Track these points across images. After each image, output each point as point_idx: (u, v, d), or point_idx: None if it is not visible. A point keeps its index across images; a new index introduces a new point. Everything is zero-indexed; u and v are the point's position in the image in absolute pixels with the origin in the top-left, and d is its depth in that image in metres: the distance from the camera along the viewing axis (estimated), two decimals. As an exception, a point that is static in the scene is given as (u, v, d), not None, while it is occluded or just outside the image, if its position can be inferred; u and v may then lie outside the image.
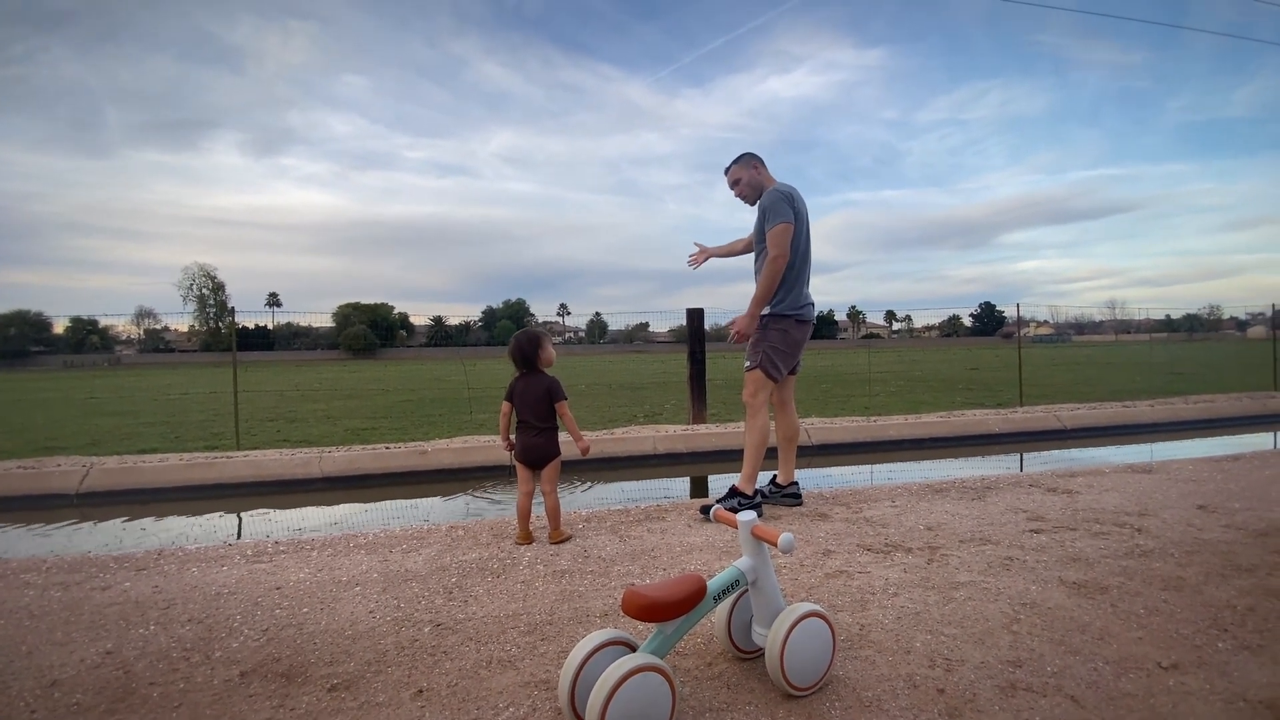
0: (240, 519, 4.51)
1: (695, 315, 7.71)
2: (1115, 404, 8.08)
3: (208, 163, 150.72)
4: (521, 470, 3.00)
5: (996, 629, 1.95)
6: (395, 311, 64.21)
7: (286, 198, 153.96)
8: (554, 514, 2.96)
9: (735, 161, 3.48)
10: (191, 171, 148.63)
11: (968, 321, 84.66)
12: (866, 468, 5.86)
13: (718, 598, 1.59)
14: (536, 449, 2.96)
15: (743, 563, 1.65)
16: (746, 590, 1.70)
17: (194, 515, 4.58)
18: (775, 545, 1.57)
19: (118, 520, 4.47)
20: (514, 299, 76.87)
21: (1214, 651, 1.81)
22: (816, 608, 1.63)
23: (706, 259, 3.82)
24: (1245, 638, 1.88)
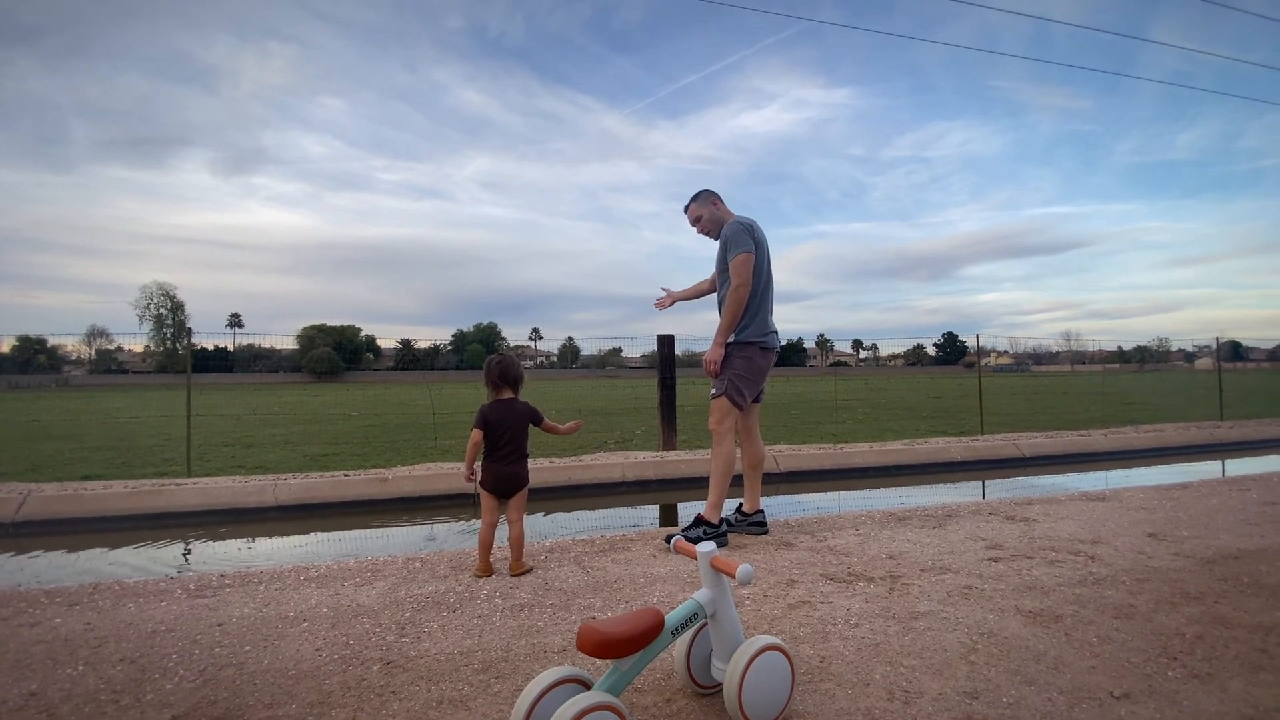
0: (187, 550, 4.31)
1: (666, 341, 7.74)
2: (1071, 433, 8.31)
3: (175, 180, 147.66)
4: (488, 500, 2.93)
5: (955, 659, 1.96)
6: (362, 334, 63.15)
7: (255, 217, 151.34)
8: (518, 544, 2.89)
9: (694, 199, 3.53)
10: (157, 188, 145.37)
11: (932, 351, 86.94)
12: (833, 495, 5.89)
13: (676, 632, 1.56)
14: (511, 478, 2.91)
15: (702, 595, 1.63)
16: (706, 624, 1.67)
17: (137, 546, 4.36)
18: (734, 577, 1.55)
19: (56, 552, 4.23)
20: (486, 323, 76.30)
21: (1164, 680, 1.83)
22: (775, 641, 1.61)
23: (673, 302, 3.85)
24: (1194, 666, 1.92)
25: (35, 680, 1.88)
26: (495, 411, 2.89)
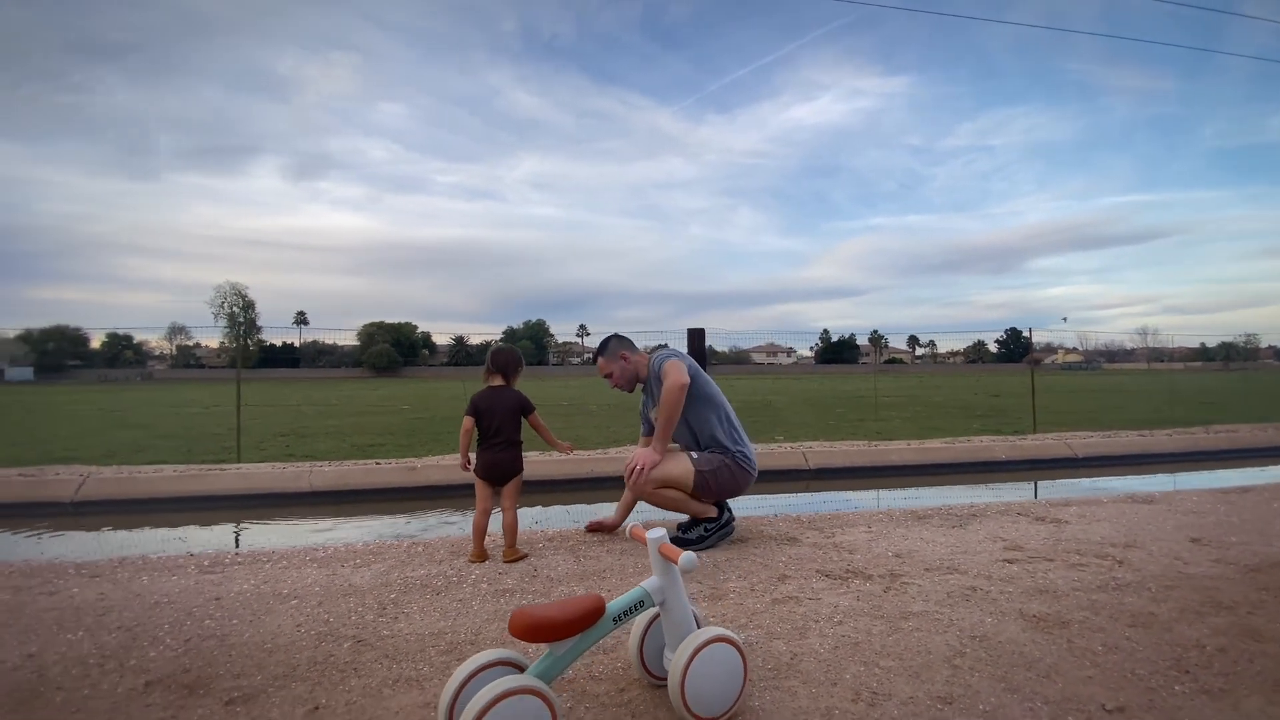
0: (216, 531, 4.53)
1: (696, 335, 7.63)
2: (1131, 432, 7.78)
3: (248, 186, 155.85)
4: (482, 487, 2.96)
5: (937, 662, 1.84)
6: (419, 331, 65.26)
7: (321, 220, 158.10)
8: (511, 531, 2.91)
9: (601, 353, 3.23)
10: (232, 194, 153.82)
11: (993, 347, 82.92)
12: (859, 493, 5.70)
13: (618, 619, 1.52)
14: (503, 464, 2.93)
15: (650, 583, 1.58)
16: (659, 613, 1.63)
17: (176, 526, 4.62)
18: (677, 563, 1.50)
19: (103, 528, 4.53)
20: (535, 320, 77.58)
21: (1168, 695, 1.68)
22: (724, 632, 1.55)
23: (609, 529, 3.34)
24: (1208, 681, 1.75)
25: (37, 643, 2.00)
26: (485, 399, 2.91)
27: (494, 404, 2.90)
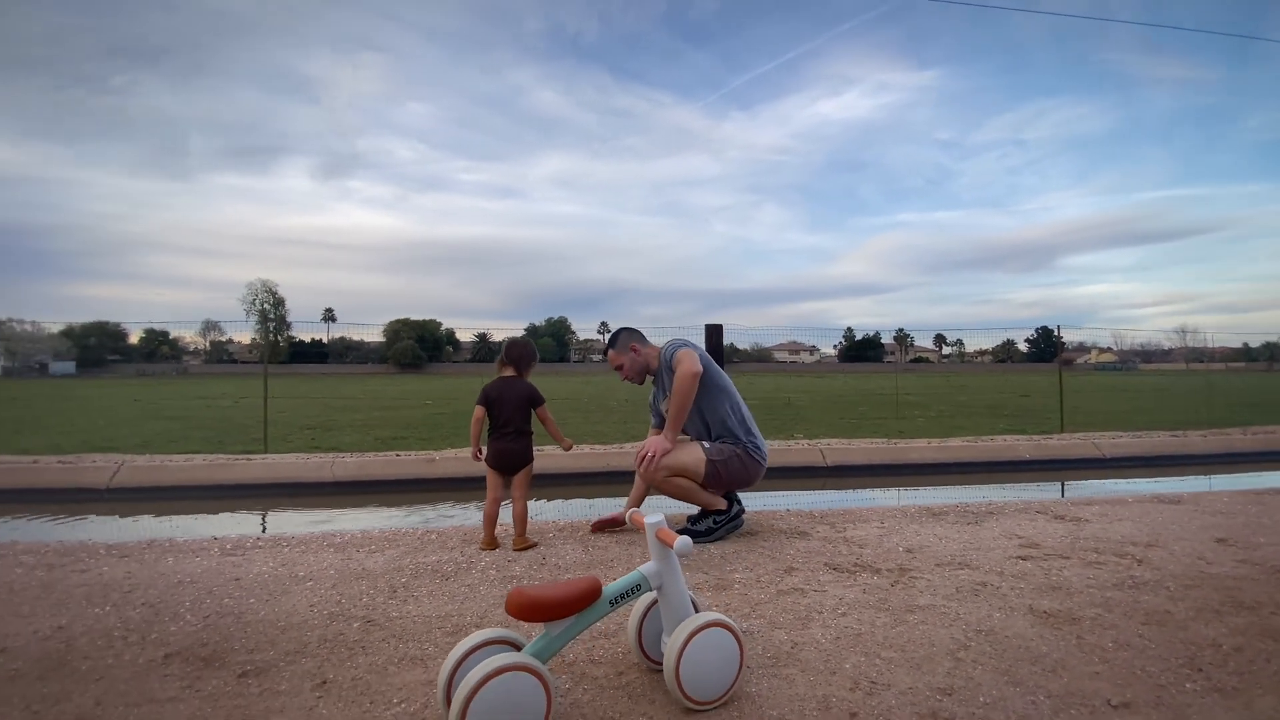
0: (240, 517, 4.66)
1: (714, 331, 7.62)
2: (1163, 433, 7.57)
3: (279, 186, 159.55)
4: (493, 476, 3.00)
5: (939, 654, 1.83)
6: (443, 328, 66.04)
7: (349, 219, 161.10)
8: (521, 520, 2.95)
9: (612, 344, 3.25)
10: (263, 194, 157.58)
11: (1023, 346, 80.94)
12: (877, 490, 5.65)
13: (615, 602, 1.54)
14: (513, 454, 2.97)
15: (647, 567, 1.60)
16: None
17: (203, 512, 4.77)
18: (672, 547, 1.51)
19: (135, 513, 4.69)
20: (557, 317, 78.04)
21: (1178, 692, 1.64)
22: (720, 618, 1.56)
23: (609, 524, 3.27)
24: (1221, 680, 1.71)
25: (66, 616, 2.09)
26: (496, 389, 2.96)
27: (504, 394, 2.95)
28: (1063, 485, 5.85)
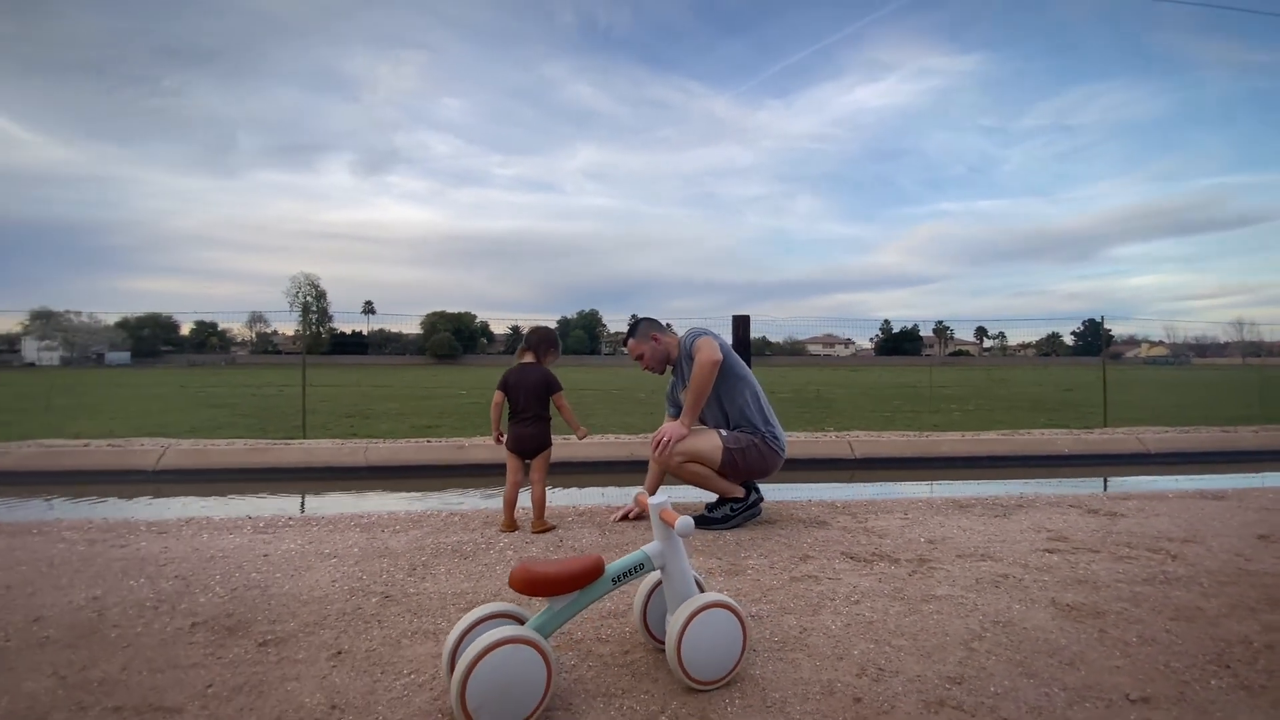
0: (275, 498, 4.83)
1: (741, 323, 7.56)
2: (1213, 428, 7.24)
3: (321, 182, 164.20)
4: (512, 460, 3.05)
5: (952, 644, 1.79)
6: (477, 320, 67.02)
7: (387, 213, 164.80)
8: (539, 504, 2.99)
9: (632, 334, 3.25)
10: (306, 190, 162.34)
11: (1069, 340, 77.92)
12: (904, 483, 5.54)
13: (617, 580, 1.55)
14: (530, 438, 3.01)
15: (651, 547, 1.60)
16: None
17: (241, 494, 4.95)
18: (673, 527, 1.52)
19: (177, 494, 4.90)
20: (588, 310, 78.34)
21: (1202, 689, 1.58)
22: (722, 598, 1.56)
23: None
24: (1249, 677, 1.64)
25: (102, 587, 2.20)
26: (514, 375, 3.00)
27: (522, 380, 2.98)
28: (1105, 481, 5.65)
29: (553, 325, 3.74)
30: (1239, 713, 1.48)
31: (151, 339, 54.91)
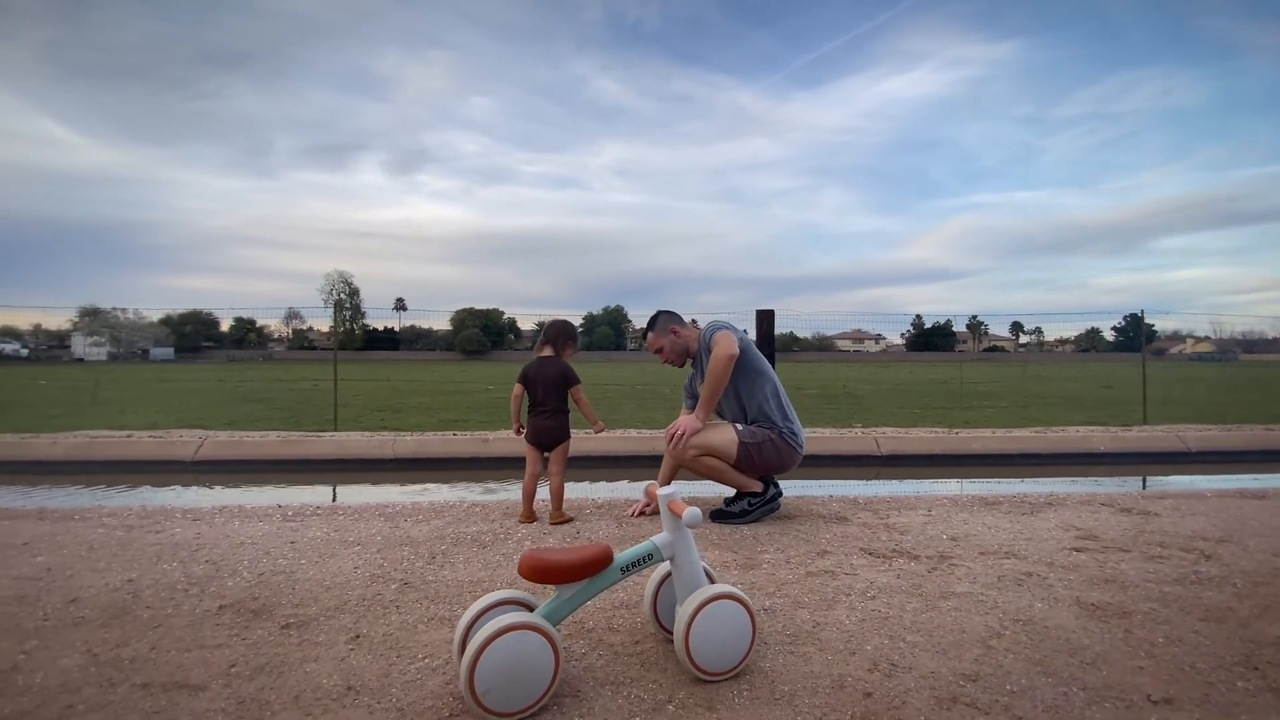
0: (305, 488, 4.95)
1: (765, 317, 7.49)
2: (1257, 427, 6.96)
3: (354, 181, 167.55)
4: (531, 452, 3.08)
5: (969, 641, 1.76)
6: (505, 316, 67.76)
7: (418, 212, 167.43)
8: (558, 496, 3.02)
9: (651, 327, 3.26)
10: (339, 189, 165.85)
11: (1109, 335, 75.25)
12: (932, 481, 5.44)
13: (625, 569, 1.56)
14: (549, 431, 3.04)
15: (660, 538, 1.61)
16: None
17: (273, 483, 5.10)
18: (681, 518, 1.52)
19: (213, 483, 5.07)
20: (613, 305, 78.57)
21: (1228, 690, 1.53)
22: (731, 590, 1.55)
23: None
24: (1278, 679, 1.57)
25: (137, 571, 2.29)
26: (533, 368, 3.03)
27: (540, 373, 3.01)
28: (1143, 480, 5.48)
29: (578, 321, 3.75)
30: (1265, 715, 1.43)
31: (193, 335, 56.79)
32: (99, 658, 1.64)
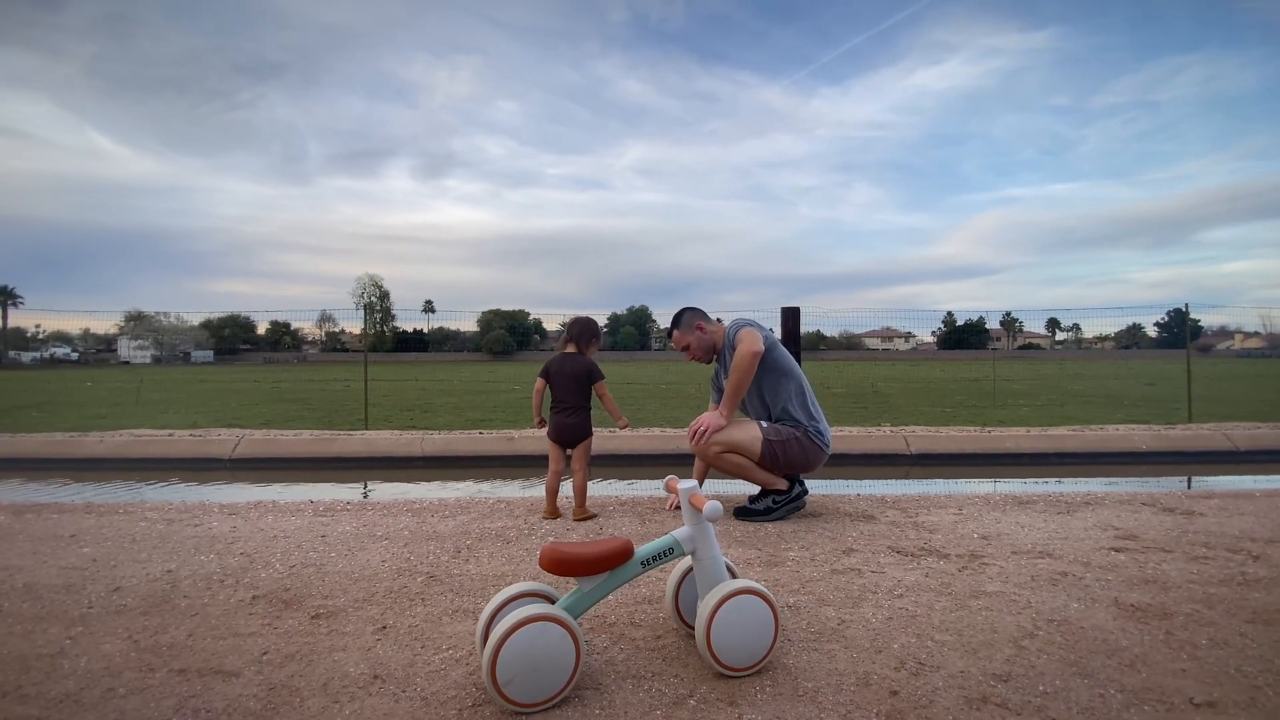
0: (335, 484, 5.06)
1: (790, 315, 7.42)
2: (1313, 425, 6.65)
3: (384, 187, 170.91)
4: (554, 449, 3.09)
5: (1001, 641, 1.72)
6: (531, 317, 68.32)
7: (445, 215, 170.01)
8: (580, 492, 3.03)
9: (676, 325, 3.25)
10: (370, 195, 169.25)
11: (1152, 331, 72.51)
12: (964, 481, 5.32)
13: (645, 563, 1.55)
14: (570, 428, 3.05)
15: (680, 532, 1.60)
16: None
17: (306, 480, 5.21)
18: (701, 512, 1.51)
19: (249, 480, 5.20)
20: (638, 305, 78.63)
21: (1275, 694, 1.46)
22: (753, 585, 1.54)
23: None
24: (1336, 686, 1.50)
25: (176, 562, 2.36)
26: (556, 364, 3.04)
27: (563, 369, 3.03)
28: (1188, 480, 5.28)
29: (602, 321, 3.76)
30: (1320, 723, 1.36)
31: (232, 338, 58.50)
32: (139, 644, 1.69)
